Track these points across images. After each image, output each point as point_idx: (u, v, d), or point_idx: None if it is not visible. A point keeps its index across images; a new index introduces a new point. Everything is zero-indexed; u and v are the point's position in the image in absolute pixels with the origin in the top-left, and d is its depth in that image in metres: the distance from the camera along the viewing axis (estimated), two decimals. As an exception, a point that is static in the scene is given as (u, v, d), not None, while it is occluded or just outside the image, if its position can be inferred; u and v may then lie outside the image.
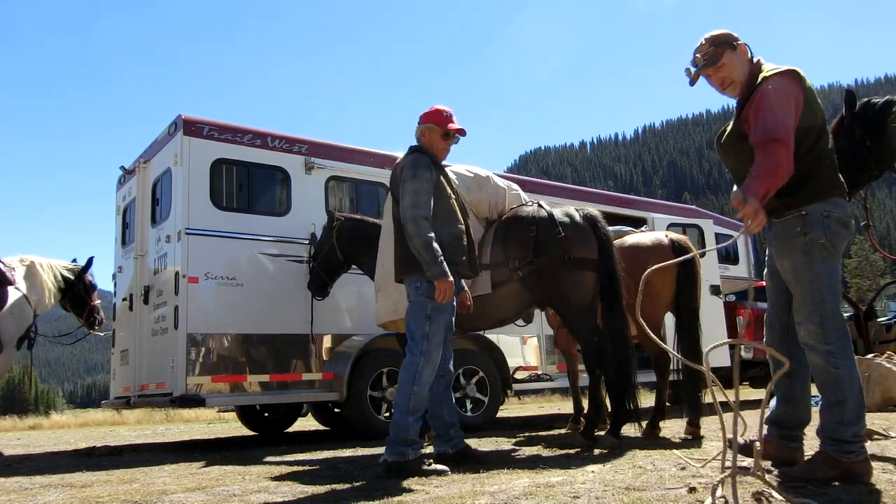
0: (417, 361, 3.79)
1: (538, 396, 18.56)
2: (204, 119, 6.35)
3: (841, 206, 2.97)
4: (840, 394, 2.87)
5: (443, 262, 3.76)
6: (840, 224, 2.94)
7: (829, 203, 2.95)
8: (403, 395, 3.77)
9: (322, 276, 6.32)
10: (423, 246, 3.75)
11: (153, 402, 6.61)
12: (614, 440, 4.71)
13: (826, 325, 2.90)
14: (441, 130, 4.10)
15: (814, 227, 2.93)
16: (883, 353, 7.69)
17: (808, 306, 2.94)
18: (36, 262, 6.91)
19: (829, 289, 2.91)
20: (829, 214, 2.93)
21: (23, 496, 3.66)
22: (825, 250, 2.92)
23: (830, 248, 2.92)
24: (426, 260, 3.75)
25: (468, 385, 7.00)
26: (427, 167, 3.94)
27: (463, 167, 5.61)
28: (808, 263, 2.94)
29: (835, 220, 2.93)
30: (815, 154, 2.99)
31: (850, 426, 2.84)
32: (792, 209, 2.99)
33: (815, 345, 2.93)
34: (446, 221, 4.00)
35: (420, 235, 3.76)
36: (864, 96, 4.09)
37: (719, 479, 2.52)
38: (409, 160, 3.99)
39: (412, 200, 3.83)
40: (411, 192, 3.84)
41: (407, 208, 3.82)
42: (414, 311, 3.90)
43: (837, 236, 2.93)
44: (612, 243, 5.05)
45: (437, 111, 4.15)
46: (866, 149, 3.86)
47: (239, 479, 3.93)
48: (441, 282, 3.74)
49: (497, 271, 5.07)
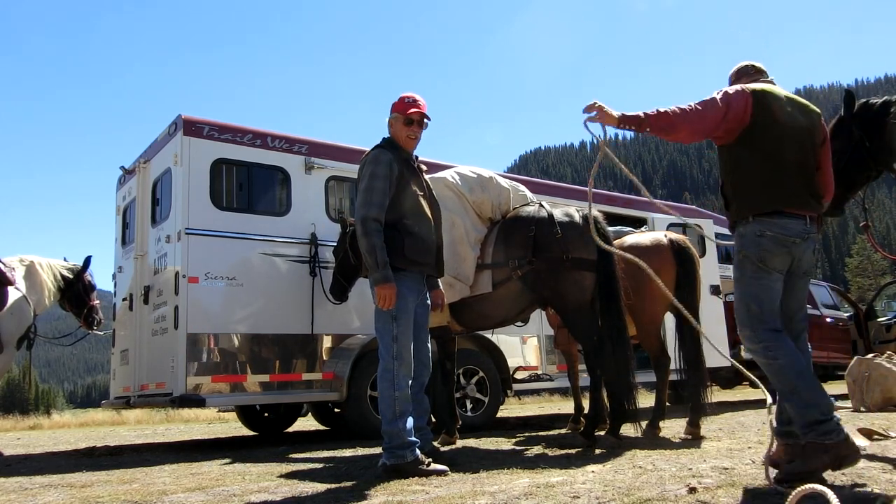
0: (391, 367, 3.70)
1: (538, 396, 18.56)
2: (204, 119, 6.35)
3: (777, 226, 3.08)
4: (788, 382, 3.00)
5: (386, 265, 3.66)
6: (775, 242, 3.07)
7: (764, 223, 3.09)
8: (388, 404, 3.68)
9: (341, 282, 6.36)
10: (367, 249, 3.69)
11: (153, 402, 6.60)
12: (614, 440, 4.72)
13: (755, 327, 3.08)
14: (403, 117, 3.98)
15: (747, 245, 3.14)
16: (883, 353, 7.68)
17: (741, 316, 3.16)
18: (35, 261, 6.92)
19: (755, 299, 3.10)
20: (762, 234, 3.09)
21: (23, 496, 3.66)
22: (750, 266, 3.12)
23: (757, 263, 3.10)
24: (369, 263, 3.69)
25: (468, 385, 7.00)
26: (386, 164, 3.80)
27: (466, 168, 5.62)
28: (740, 277, 3.18)
29: (769, 238, 3.08)
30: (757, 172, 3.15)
31: (813, 407, 2.92)
32: (734, 230, 3.25)
33: (752, 347, 3.12)
34: (413, 218, 3.87)
35: (366, 237, 3.69)
36: (864, 96, 4.10)
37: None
38: (370, 156, 3.88)
39: (362, 199, 3.75)
40: (363, 190, 3.77)
41: (357, 207, 3.77)
42: (380, 313, 3.77)
43: (769, 252, 3.08)
44: (611, 243, 5.05)
45: (400, 99, 4.04)
46: (865, 149, 3.87)
47: (239, 479, 3.94)
48: (381, 287, 3.65)
49: (498, 271, 5.08)
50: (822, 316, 10.98)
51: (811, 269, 3.27)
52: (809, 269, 3.25)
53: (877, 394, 6.98)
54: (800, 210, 3.12)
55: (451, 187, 5.32)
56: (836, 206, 3.97)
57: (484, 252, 5.22)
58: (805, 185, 3.16)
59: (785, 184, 3.11)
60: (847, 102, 3.98)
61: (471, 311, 5.25)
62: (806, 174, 3.18)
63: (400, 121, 3.99)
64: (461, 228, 5.18)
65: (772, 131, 3.15)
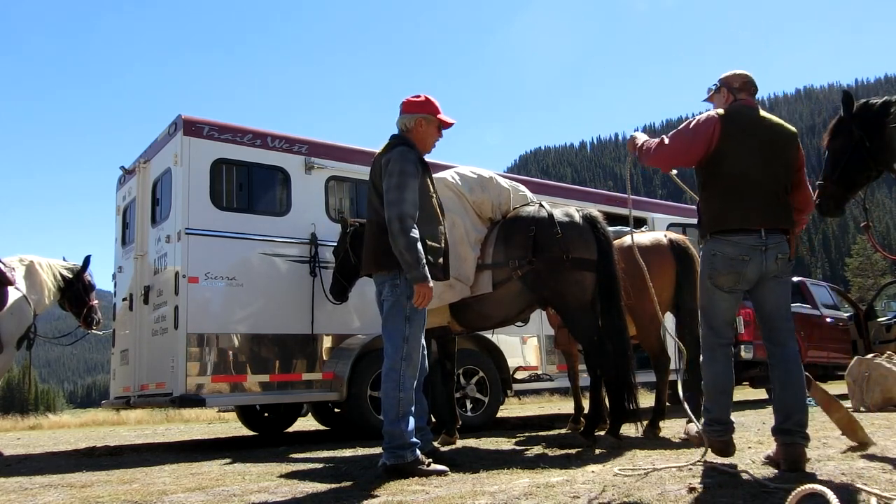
0: (398, 367, 3.65)
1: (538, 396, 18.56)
2: (204, 119, 6.35)
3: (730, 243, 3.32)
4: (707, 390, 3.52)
5: (425, 265, 3.60)
6: (724, 262, 3.34)
7: (717, 241, 3.37)
8: (391, 404, 3.64)
9: (341, 282, 6.35)
10: (407, 247, 3.56)
11: (153, 402, 6.61)
12: (614, 440, 4.71)
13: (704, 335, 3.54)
14: (437, 122, 3.94)
15: (702, 263, 3.51)
16: (883, 353, 7.68)
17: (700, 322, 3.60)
18: (35, 261, 6.91)
19: (706, 313, 3.49)
20: (714, 253, 3.38)
21: (23, 496, 3.66)
22: (704, 282, 3.47)
23: (708, 280, 3.43)
24: (408, 262, 3.57)
25: (468, 385, 7.00)
26: (414, 163, 3.73)
27: (467, 168, 5.62)
28: (699, 290, 3.58)
29: (719, 258, 3.35)
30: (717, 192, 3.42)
31: (708, 412, 3.47)
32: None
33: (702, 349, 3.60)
34: (429, 223, 3.84)
35: (404, 234, 3.56)
36: (864, 96, 4.10)
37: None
38: (397, 153, 3.73)
39: (395, 195, 3.61)
40: (395, 186, 3.62)
41: (393, 204, 3.60)
42: (395, 313, 3.72)
43: (717, 272, 3.37)
44: (611, 244, 5.05)
45: (431, 101, 3.94)
46: (865, 149, 3.86)
47: (239, 479, 3.93)
48: (421, 286, 3.59)
49: (498, 271, 5.08)
50: (822, 316, 10.98)
51: (783, 272, 3.39)
52: (780, 272, 3.37)
53: (877, 394, 6.98)
54: (755, 226, 3.31)
55: (452, 187, 5.32)
56: (837, 206, 3.98)
57: (484, 252, 5.22)
58: (766, 203, 3.34)
59: (741, 204, 3.33)
60: (846, 103, 3.98)
61: (471, 312, 5.25)
62: (769, 194, 3.36)
63: (434, 124, 3.94)
64: (461, 228, 5.18)
65: (736, 153, 3.36)
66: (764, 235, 3.31)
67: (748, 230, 3.30)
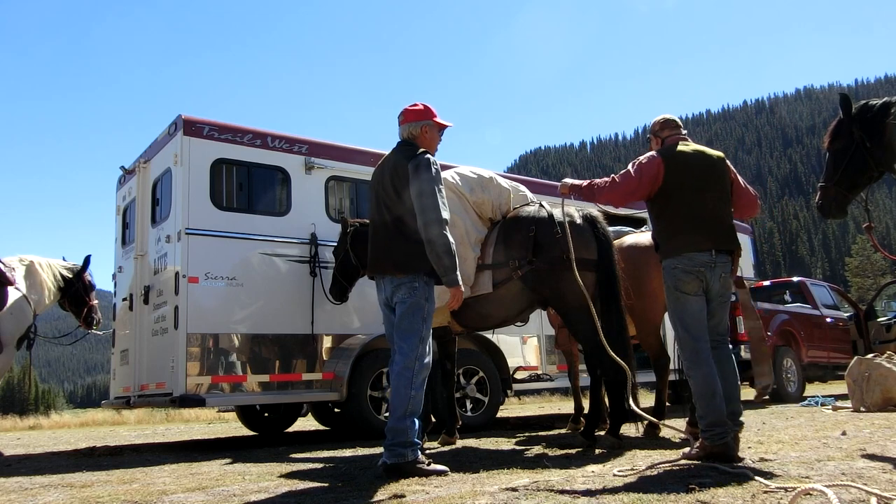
0: (412, 366, 3.70)
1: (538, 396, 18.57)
2: (204, 119, 6.35)
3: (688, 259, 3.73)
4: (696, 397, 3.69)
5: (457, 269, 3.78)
6: (685, 271, 3.74)
7: (680, 258, 3.75)
8: (401, 401, 3.66)
9: (341, 282, 6.35)
10: (446, 251, 3.70)
11: (153, 402, 6.61)
12: (614, 440, 4.72)
13: (682, 346, 3.80)
14: (438, 126, 4.08)
15: (666, 277, 3.86)
16: (883, 353, 7.68)
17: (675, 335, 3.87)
18: (35, 261, 6.92)
19: (681, 322, 3.78)
20: (675, 266, 3.77)
21: (23, 496, 3.66)
22: (672, 293, 3.82)
23: (675, 290, 3.79)
24: (446, 265, 3.71)
25: (468, 385, 7.00)
26: (439, 171, 3.87)
27: (467, 168, 5.62)
28: (668, 304, 3.90)
29: (680, 269, 3.76)
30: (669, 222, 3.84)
31: (702, 419, 3.62)
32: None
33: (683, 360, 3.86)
34: None
35: (444, 239, 3.70)
36: (864, 97, 4.10)
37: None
38: (425, 161, 3.81)
39: (433, 202, 3.72)
40: (433, 193, 3.73)
41: (430, 209, 3.70)
42: (412, 313, 3.78)
43: (680, 281, 3.76)
44: (611, 244, 5.06)
45: (430, 108, 4.08)
46: (866, 150, 3.87)
47: (239, 479, 3.94)
48: (456, 289, 3.79)
49: (498, 271, 5.08)
50: (822, 316, 10.98)
51: (724, 293, 3.86)
52: (721, 293, 3.84)
53: (877, 394, 6.98)
54: (705, 247, 3.73)
55: (452, 188, 5.32)
56: (839, 208, 3.99)
57: (484, 252, 5.22)
58: (712, 229, 3.77)
59: (693, 231, 3.75)
60: (843, 105, 3.99)
61: (471, 312, 5.25)
62: (713, 215, 3.78)
63: (436, 129, 4.09)
64: (461, 229, 5.18)
65: (680, 187, 3.79)
66: (714, 254, 3.75)
67: (701, 250, 3.75)
